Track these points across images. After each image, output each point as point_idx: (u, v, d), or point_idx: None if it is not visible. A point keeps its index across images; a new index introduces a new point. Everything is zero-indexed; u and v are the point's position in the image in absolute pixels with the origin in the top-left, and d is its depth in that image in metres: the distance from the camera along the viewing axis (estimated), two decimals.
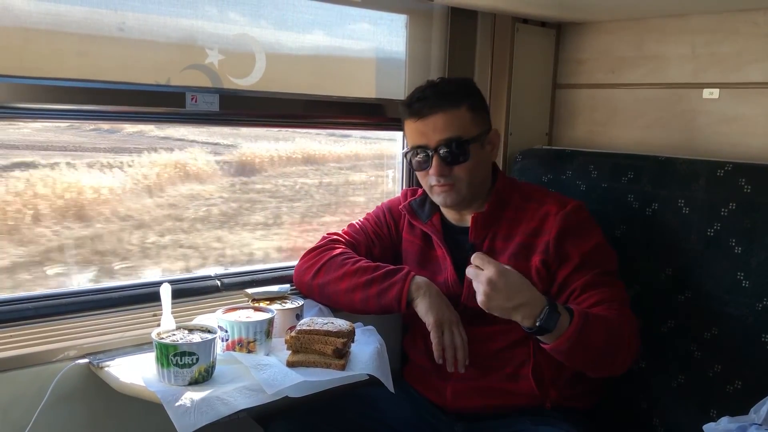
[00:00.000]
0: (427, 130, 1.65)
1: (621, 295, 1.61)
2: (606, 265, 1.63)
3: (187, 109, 1.65)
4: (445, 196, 1.68)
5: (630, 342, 1.53)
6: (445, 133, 1.63)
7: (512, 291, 1.42)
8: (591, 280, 1.58)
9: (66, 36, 1.51)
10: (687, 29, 2.02)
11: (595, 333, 1.46)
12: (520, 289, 1.43)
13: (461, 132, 1.64)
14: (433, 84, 1.71)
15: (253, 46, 1.78)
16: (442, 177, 1.65)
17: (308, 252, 1.83)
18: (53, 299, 1.58)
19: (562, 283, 1.62)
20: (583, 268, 1.60)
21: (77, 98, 1.53)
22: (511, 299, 1.42)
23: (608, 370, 1.58)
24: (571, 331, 1.42)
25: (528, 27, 2.24)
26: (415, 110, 1.66)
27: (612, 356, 1.53)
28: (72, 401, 1.48)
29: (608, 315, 1.51)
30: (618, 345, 1.51)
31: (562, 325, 1.43)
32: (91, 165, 1.75)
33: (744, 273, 1.66)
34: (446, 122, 1.64)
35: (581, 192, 2.00)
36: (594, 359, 1.53)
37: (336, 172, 2.24)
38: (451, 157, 1.64)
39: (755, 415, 1.33)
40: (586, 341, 1.45)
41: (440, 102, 1.64)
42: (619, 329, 1.51)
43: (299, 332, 1.49)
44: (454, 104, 1.65)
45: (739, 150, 1.91)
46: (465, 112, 1.66)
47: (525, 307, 1.42)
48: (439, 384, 1.72)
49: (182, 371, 1.35)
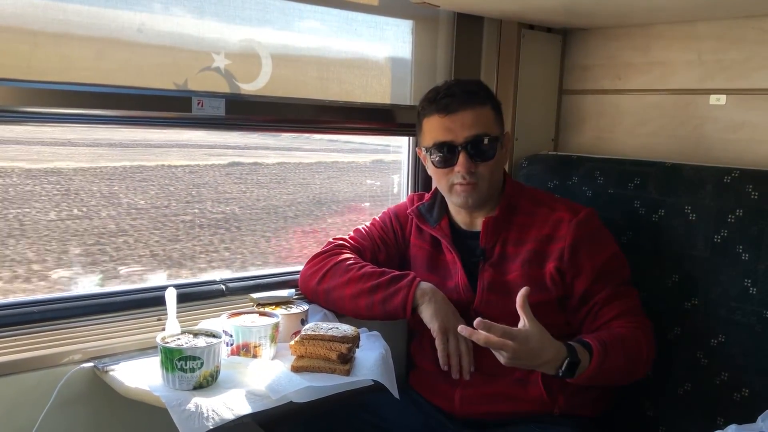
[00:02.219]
0: (455, 126, 1.64)
1: (637, 303, 1.67)
2: (622, 274, 1.68)
3: (194, 113, 1.66)
4: (467, 195, 1.67)
5: (648, 351, 1.59)
6: (474, 130, 1.64)
7: (535, 354, 1.45)
8: (611, 293, 1.63)
9: (72, 40, 1.51)
10: (694, 35, 2.01)
11: (615, 359, 1.51)
12: (541, 350, 1.45)
13: (488, 129, 1.66)
14: (459, 82, 1.73)
15: (260, 51, 1.78)
16: (468, 174, 1.64)
17: (314, 257, 1.83)
18: (58, 303, 1.57)
19: (583, 297, 1.64)
20: (601, 280, 1.63)
21: (84, 102, 1.53)
22: (534, 360, 1.46)
23: (628, 381, 1.64)
24: (592, 368, 1.48)
25: (534, 33, 2.24)
26: (443, 105, 1.65)
27: (631, 372, 1.60)
28: (76, 405, 1.48)
29: (626, 334, 1.56)
30: (637, 360, 1.58)
31: (582, 366, 1.47)
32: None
33: (751, 280, 1.65)
34: (474, 119, 1.64)
35: (587, 198, 1.99)
36: (614, 379, 1.60)
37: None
38: (478, 154, 1.64)
39: (763, 423, 1.32)
40: (606, 370, 1.50)
41: (469, 99, 1.65)
42: (637, 346, 1.57)
43: (304, 337, 1.49)
44: (481, 102, 1.67)
45: (746, 156, 1.90)
46: (490, 111, 1.68)
47: (547, 364, 1.47)
48: (448, 390, 1.71)
49: (187, 376, 1.34)
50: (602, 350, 1.48)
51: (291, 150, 2.20)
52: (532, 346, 1.43)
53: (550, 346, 1.46)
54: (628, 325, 1.59)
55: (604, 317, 1.62)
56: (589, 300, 1.63)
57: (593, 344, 1.49)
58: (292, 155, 2.21)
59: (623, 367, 1.55)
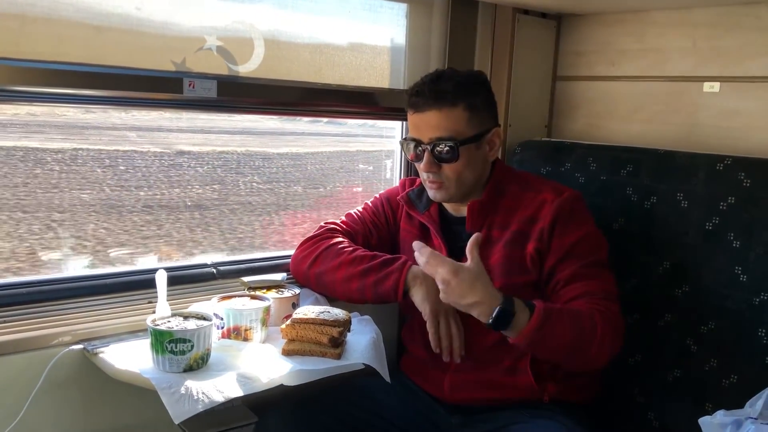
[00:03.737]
0: (422, 125, 1.63)
1: (606, 287, 1.58)
2: (593, 255, 1.61)
3: (185, 95, 1.64)
4: (434, 192, 1.68)
5: (603, 336, 1.49)
6: (437, 132, 1.61)
7: (465, 289, 1.44)
8: (576, 271, 1.58)
9: (62, 20, 1.49)
10: (688, 22, 2.01)
11: (560, 329, 1.46)
12: (472, 287, 1.44)
13: (454, 133, 1.61)
14: (435, 78, 1.65)
15: (252, 33, 1.77)
16: (431, 173, 1.64)
17: (305, 241, 1.83)
18: (48, 285, 1.57)
19: (549, 273, 1.61)
20: (569, 258, 1.59)
21: (75, 82, 1.51)
22: (464, 297, 1.44)
23: (581, 363, 1.57)
24: (529, 329, 1.44)
25: (528, 18, 2.23)
26: (412, 103, 1.64)
27: (581, 351, 1.51)
28: (66, 387, 1.48)
29: (580, 309, 1.51)
30: (588, 340, 1.49)
31: (520, 323, 1.44)
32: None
33: (742, 267, 1.66)
34: (439, 121, 1.61)
35: (580, 184, 1.99)
36: (560, 354, 1.52)
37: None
38: (439, 156, 1.62)
39: (750, 409, 1.33)
40: (547, 338, 1.46)
41: (436, 99, 1.60)
42: (590, 324, 1.49)
43: (295, 321, 1.49)
44: (451, 103, 1.61)
45: (739, 144, 1.90)
46: (461, 112, 1.61)
47: (479, 306, 1.44)
48: (437, 376, 1.72)
49: (177, 358, 1.34)
50: (545, 312, 1.44)
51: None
52: (463, 280, 1.43)
53: (483, 288, 1.44)
54: (590, 304, 1.52)
55: (565, 295, 1.57)
56: (552, 278, 1.60)
57: (537, 304, 1.46)
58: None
59: (570, 342, 1.48)
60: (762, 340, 1.61)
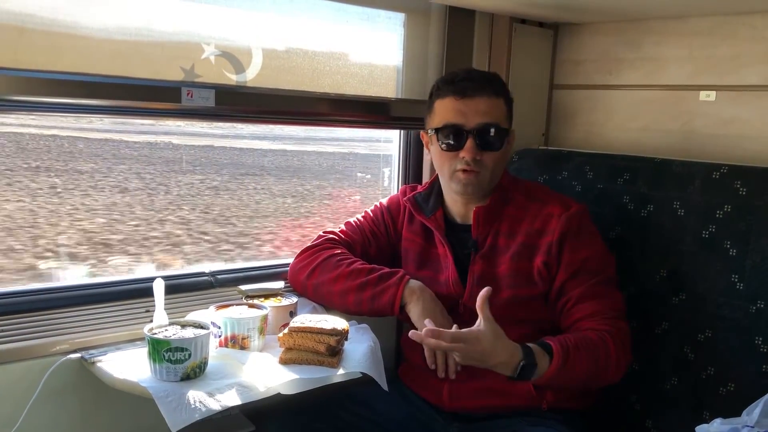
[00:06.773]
0: (468, 111, 1.63)
1: (615, 306, 1.62)
2: (603, 273, 1.64)
3: (183, 104, 1.64)
4: (467, 182, 1.66)
5: (618, 358, 1.55)
6: (486, 117, 1.63)
7: (486, 356, 1.45)
8: (586, 291, 1.61)
9: (60, 30, 1.50)
10: (685, 31, 2.02)
11: (579, 364, 1.49)
12: (493, 351, 1.45)
13: (499, 120, 1.65)
14: (477, 70, 1.72)
15: (250, 42, 1.77)
16: (473, 161, 1.63)
17: (304, 251, 1.82)
18: (46, 293, 1.57)
19: (559, 290, 1.63)
20: (580, 275, 1.62)
21: (73, 92, 1.51)
22: (485, 362, 1.46)
23: (599, 384, 1.63)
24: (550, 373, 1.47)
25: (526, 27, 2.24)
26: (460, 88, 1.64)
27: (598, 377, 1.57)
28: (63, 396, 1.48)
29: (592, 338, 1.53)
30: (604, 366, 1.54)
31: (541, 369, 1.47)
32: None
33: (738, 275, 1.66)
34: (488, 107, 1.64)
35: (577, 193, 1.99)
36: (580, 384, 1.58)
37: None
38: (485, 143, 1.63)
39: (747, 417, 1.33)
40: (568, 374, 1.49)
41: (486, 86, 1.65)
42: (604, 349, 1.53)
43: (292, 329, 1.49)
44: (497, 92, 1.66)
45: (735, 152, 1.91)
46: (503, 104, 1.68)
47: (502, 365, 1.46)
48: (436, 384, 1.71)
49: (174, 367, 1.34)
50: (563, 353, 1.47)
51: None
52: (484, 347, 1.43)
53: (503, 348, 1.45)
54: (598, 326, 1.55)
55: (575, 314, 1.60)
56: (563, 295, 1.63)
57: (554, 347, 1.48)
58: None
59: (589, 371, 1.52)
60: (759, 348, 1.62)
